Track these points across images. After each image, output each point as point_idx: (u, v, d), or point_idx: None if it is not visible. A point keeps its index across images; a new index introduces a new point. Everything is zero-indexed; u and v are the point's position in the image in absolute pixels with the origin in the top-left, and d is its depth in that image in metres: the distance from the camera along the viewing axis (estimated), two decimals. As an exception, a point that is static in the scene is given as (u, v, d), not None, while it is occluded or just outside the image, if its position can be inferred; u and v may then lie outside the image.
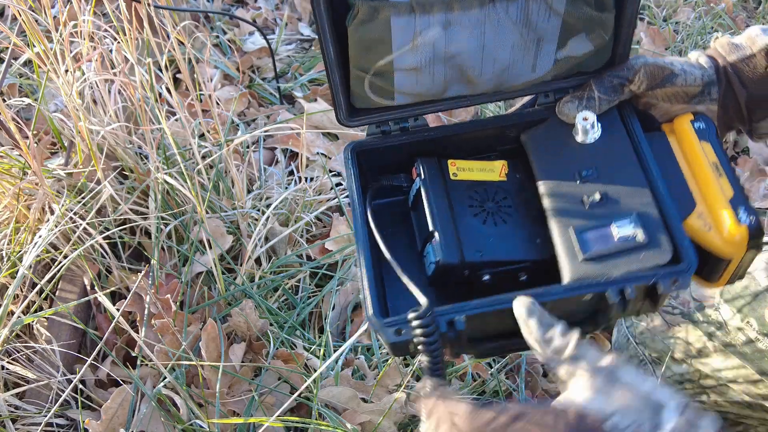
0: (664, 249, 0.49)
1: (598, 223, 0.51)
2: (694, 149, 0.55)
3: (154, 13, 1.03)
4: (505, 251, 0.55)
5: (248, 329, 0.94)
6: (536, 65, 0.57)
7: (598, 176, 0.54)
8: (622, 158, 0.55)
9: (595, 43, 0.55)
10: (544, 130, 0.59)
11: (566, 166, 0.56)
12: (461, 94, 0.58)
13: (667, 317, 0.83)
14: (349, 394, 0.84)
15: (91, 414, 0.87)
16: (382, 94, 0.56)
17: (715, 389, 0.79)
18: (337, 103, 0.56)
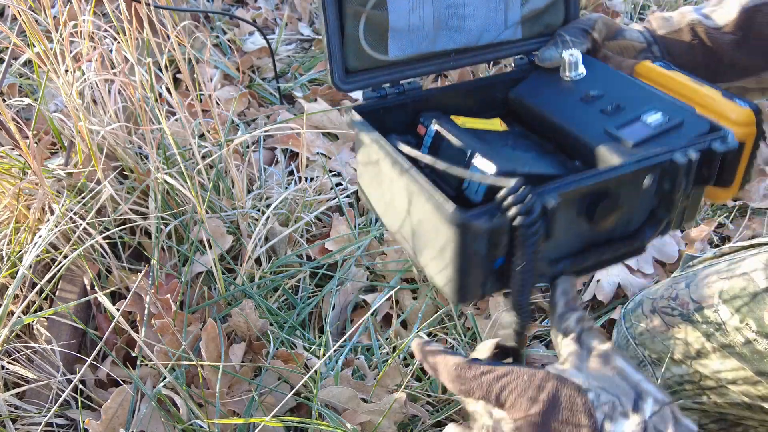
0: (701, 122, 0.52)
1: (629, 120, 0.53)
2: (668, 75, 0.59)
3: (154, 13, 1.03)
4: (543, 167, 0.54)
5: (248, 329, 0.94)
6: (507, 19, 0.62)
7: (606, 94, 0.57)
8: (617, 80, 0.59)
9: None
10: (531, 83, 0.62)
11: (570, 98, 0.59)
12: (447, 48, 0.60)
13: (666, 318, 0.83)
14: (349, 394, 0.84)
15: (91, 414, 0.87)
16: (376, 45, 0.57)
17: (714, 390, 0.79)
18: (332, 61, 0.55)
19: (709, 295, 0.78)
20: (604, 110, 0.56)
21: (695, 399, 0.82)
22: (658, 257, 1.11)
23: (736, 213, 1.20)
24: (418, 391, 0.90)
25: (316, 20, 1.72)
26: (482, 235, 0.44)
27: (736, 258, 0.80)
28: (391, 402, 0.82)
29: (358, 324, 1.00)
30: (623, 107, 0.56)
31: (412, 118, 0.59)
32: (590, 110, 0.57)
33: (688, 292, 0.81)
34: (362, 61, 0.57)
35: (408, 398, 0.86)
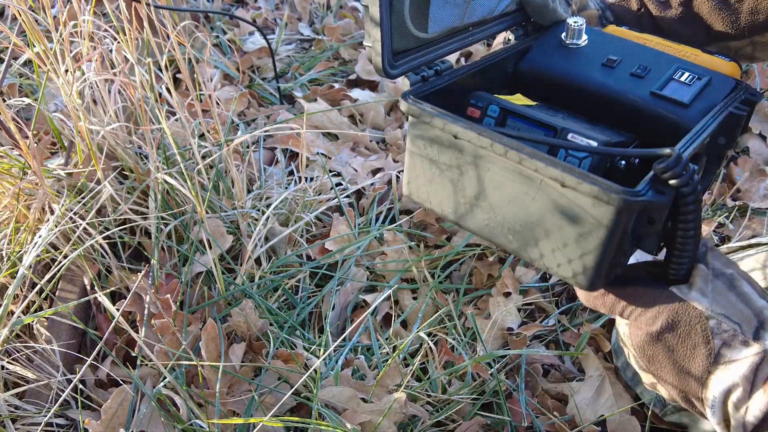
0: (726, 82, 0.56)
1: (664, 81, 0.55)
2: (644, 37, 0.63)
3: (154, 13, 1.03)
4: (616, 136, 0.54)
5: (248, 329, 0.94)
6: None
7: (624, 58, 0.58)
8: (623, 44, 0.60)
9: None
10: (539, 53, 0.62)
11: (592, 64, 0.59)
12: (472, 21, 0.62)
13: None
14: (348, 394, 0.84)
15: (91, 414, 0.87)
16: (418, 22, 0.57)
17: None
18: (382, 51, 0.55)
19: None
20: (634, 73, 0.57)
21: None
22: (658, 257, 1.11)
23: (736, 213, 1.20)
24: (418, 391, 0.90)
25: (316, 20, 1.72)
26: (643, 212, 0.43)
27: (734, 258, 0.80)
28: (391, 402, 0.82)
29: (358, 323, 1.00)
30: (649, 68, 0.57)
31: (450, 101, 0.57)
32: (620, 75, 0.57)
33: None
34: (406, 41, 0.57)
35: (408, 398, 0.86)
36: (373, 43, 0.54)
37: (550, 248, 0.47)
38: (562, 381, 0.96)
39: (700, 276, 0.48)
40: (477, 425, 0.89)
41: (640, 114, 0.56)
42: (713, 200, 1.23)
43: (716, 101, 0.54)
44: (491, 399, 0.92)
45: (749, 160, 1.29)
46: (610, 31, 0.65)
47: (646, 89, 0.56)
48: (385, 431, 0.82)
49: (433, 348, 0.95)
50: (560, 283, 1.10)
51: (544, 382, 0.95)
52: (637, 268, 0.55)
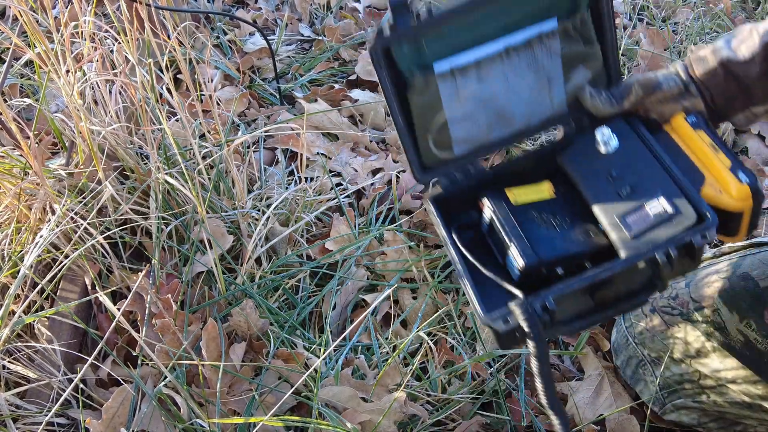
0: (689, 214, 0.62)
1: (635, 208, 0.64)
2: (692, 136, 0.69)
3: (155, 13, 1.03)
4: (570, 247, 0.66)
5: (249, 329, 0.94)
6: (553, 99, 0.70)
7: (625, 174, 0.67)
8: (640, 157, 0.68)
9: (592, 69, 0.69)
10: (575, 151, 0.72)
11: (599, 173, 0.69)
12: (503, 136, 0.70)
13: (665, 317, 0.83)
14: (349, 393, 0.84)
15: (92, 413, 0.87)
16: (443, 147, 0.69)
17: (714, 389, 0.80)
18: (411, 163, 0.69)
19: (709, 294, 0.78)
20: (620, 193, 0.67)
21: (695, 398, 0.82)
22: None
23: (735, 213, 1.20)
24: (418, 391, 0.91)
25: (316, 21, 1.72)
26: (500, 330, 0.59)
27: (735, 258, 0.80)
28: (391, 401, 0.82)
29: (358, 323, 1.00)
30: (636, 190, 0.66)
31: (476, 193, 0.69)
32: (611, 191, 0.67)
33: (688, 291, 0.81)
34: (434, 160, 0.69)
35: (408, 397, 0.86)
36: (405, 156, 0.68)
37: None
38: (562, 380, 0.96)
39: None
40: (477, 424, 0.89)
41: (606, 232, 0.66)
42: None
43: (662, 238, 0.62)
44: (491, 398, 0.92)
45: (748, 161, 1.29)
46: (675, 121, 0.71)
47: (614, 212, 0.66)
48: (385, 431, 0.82)
49: (433, 348, 0.95)
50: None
51: (544, 382, 0.95)
52: None
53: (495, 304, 0.61)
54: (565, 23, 0.66)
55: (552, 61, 0.68)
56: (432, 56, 0.64)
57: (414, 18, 0.62)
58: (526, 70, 0.67)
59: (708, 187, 0.67)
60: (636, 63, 1.50)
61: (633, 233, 0.63)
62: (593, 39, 0.68)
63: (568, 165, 0.71)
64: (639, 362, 0.89)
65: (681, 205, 0.63)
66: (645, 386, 0.88)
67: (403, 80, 0.64)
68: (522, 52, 0.66)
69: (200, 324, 0.95)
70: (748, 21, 1.75)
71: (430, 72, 0.64)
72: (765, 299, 0.72)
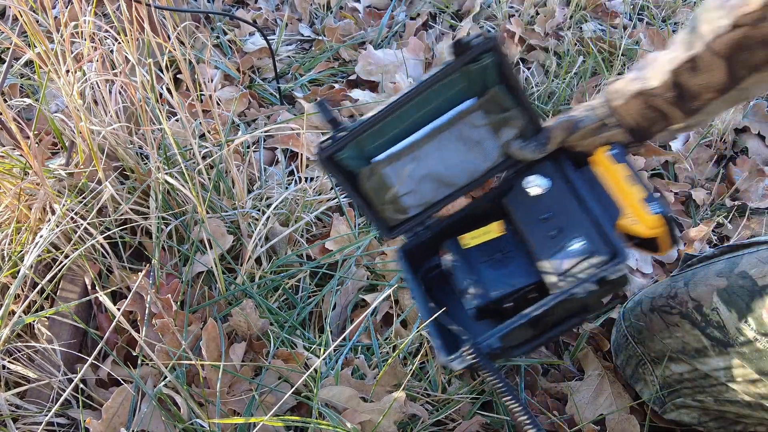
0: (604, 251, 0.72)
1: (561, 248, 0.75)
2: (612, 169, 0.78)
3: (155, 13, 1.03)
4: (516, 282, 0.77)
5: (248, 329, 0.94)
6: (487, 156, 0.81)
7: (553, 216, 0.78)
8: (565, 198, 0.78)
9: (517, 127, 0.80)
10: (514, 195, 0.82)
11: (533, 215, 0.79)
12: (449, 193, 0.83)
13: (665, 317, 0.83)
14: (349, 393, 0.84)
15: (92, 413, 0.87)
16: (400, 213, 0.83)
17: (714, 388, 0.80)
18: (378, 228, 0.83)
19: (708, 293, 0.78)
20: (551, 234, 0.77)
21: (695, 397, 0.82)
22: (657, 257, 1.11)
23: (734, 213, 1.20)
24: (418, 391, 0.91)
25: (316, 21, 1.73)
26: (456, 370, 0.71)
27: (734, 256, 0.80)
28: (391, 402, 0.82)
29: (358, 323, 1.00)
30: (563, 231, 0.76)
31: (437, 241, 0.83)
32: (543, 233, 0.77)
33: (687, 290, 0.81)
34: (395, 222, 0.83)
35: (408, 398, 0.86)
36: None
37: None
38: (562, 380, 0.96)
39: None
40: (477, 424, 0.89)
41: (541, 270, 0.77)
42: (712, 200, 1.23)
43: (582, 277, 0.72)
44: (490, 398, 0.92)
45: (748, 161, 1.29)
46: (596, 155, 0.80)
47: (545, 253, 0.76)
48: (385, 431, 0.82)
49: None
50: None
51: (544, 382, 0.95)
52: None
53: (455, 345, 0.72)
54: (481, 100, 0.78)
55: (477, 130, 0.80)
56: (371, 152, 0.77)
57: (345, 128, 0.74)
58: (455, 143, 0.80)
59: (625, 218, 0.76)
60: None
61: (560, 272, 0.73)
62: (511, 105, 0.78)
63: (509, 207, 0.83)
64: (639, 361, 0.89)
65: (598, 243, 0.73)
66: (645, 385, 0.88)
67: (353, 174, 0.77)
68: (448, 130, 0.79)
69: (200, 324, 0.95)
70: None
71: (372, 163, 0.77)
72: (763, 297, 0.72)
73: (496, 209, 0.84)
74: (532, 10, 1.67)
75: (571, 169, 0.80)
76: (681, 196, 1.24)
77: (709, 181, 1.28)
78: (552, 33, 1.64)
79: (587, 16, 1.67)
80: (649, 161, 1.28)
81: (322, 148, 0.75)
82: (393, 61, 1.53)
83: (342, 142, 0.75)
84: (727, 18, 0.68)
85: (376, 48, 1.59)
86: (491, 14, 1.70)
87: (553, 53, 1.58)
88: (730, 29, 0.68)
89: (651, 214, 0.74)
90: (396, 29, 1.67)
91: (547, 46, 1.60)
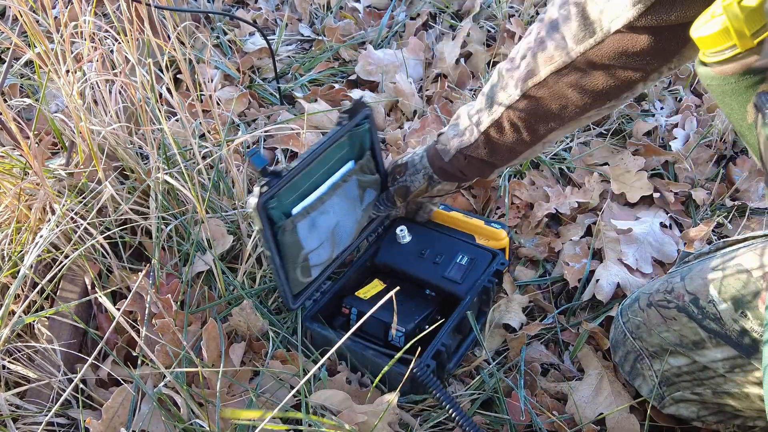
0: (485, 255, 0.98)
1: (450, 266, 0.96)
2: (449, 216, 1.06)
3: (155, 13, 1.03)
4: (422, 311, 0.93)
5: (248, 329, 0.94)
6: (360, 217, 0.99)
7: (428, 250, 0.99)
8: (431, 237, 1.02)
9: (377, 191, 1.01)
10: (385, 250, 1.01)
11: (410, 256, 0.99)
12: (339, 252, 0.98)
13: (662, 311, 0.83)
14: (341, 396, 0.84)
15: (92, 413, 0.87)
16: (305, 274, 0.92)
17: (712, 380, 0.80)
18: (285, 296, 0.91)
19: (705, 286, 0.78)
20: (435, 261, 0.97)
21: (693, 390, 0.83)
22: (657, 257, 1.11)
23: (734, 213, 1.20)
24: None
25: (316, 21, 1.73)
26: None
27: (730, 251, 0.80)
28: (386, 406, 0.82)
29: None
30: (443, 254, 0.98)
31: (337, 302, 0.95)
32: (427, 263, 0.97)
33: (683, 284, 0.82)
34: (300, 287, 0.93)
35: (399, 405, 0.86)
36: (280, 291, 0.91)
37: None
38: (561, 380, 0.96)
39: None
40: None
41: (438, 289, 0.95)
42: (712, 200, 1.23)
43: (478, 275, 0.95)
44: (492, 395, 0.92)
45: (748, 161, 1.29)
46: (436, 214, 1.06)
47: (439, 273, 0.95)
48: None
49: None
50: (559, 282, 1.11)
51: (543, 381, 0.95)
52: None
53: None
54: (360, 163, 0.95)
55: (355, 189, 0.96)
56: (288, 207, 0.86)
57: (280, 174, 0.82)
58: (345, 199, 0.94)
59: (479, 240, 1.02)
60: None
61: (459, 279, 0.94)
62: (374, 170, 0.98)
63: (387, 260, 1.00)
64: (637, 357, 0.89)
65: (476, 252, 0.98)
66: (643, 381, 0.88)
67: (275, 228, 0.85)
68: (341, 186, 0.93)
69: (200, 324, 0.95)
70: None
71: (291, 216, 0.86)
72: (759, 288, 0.72)
73: (370, 270, 1.01)
74: (532, 10, 1.67)
75: (418, 223, 1.05)
76: (681, 196, 1.24)
77: (709, 181, 1.28)
78: (552, 33, 1.64)
79: (587, 16, 1.67)
80: (648, 161, 1.28)
81: (262, 192, 0.80)
82: (393, 61, 1.53)
83: (277, 187, 0.82)
84: (519, 89, 0.81)
85: (376, 48, 1.59)
86: (491, 14, 1.70)
87: (553, 53, 1.58)
88: (520, 98, 0.81)
89: (498, 229, 1.01)
90: (396, 29, 1.67)
91: (547, 46, 1.60)
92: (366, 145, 0.96)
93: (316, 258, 0.92)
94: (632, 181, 1.24)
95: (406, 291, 0.94)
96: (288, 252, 0.87)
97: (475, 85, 1.50)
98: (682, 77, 1.49)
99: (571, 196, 1.21)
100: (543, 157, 1.30)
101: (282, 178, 0.82)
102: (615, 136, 1.37)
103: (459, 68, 1.52)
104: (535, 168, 1.30)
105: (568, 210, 1.19)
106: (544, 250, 1.14)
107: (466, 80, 1.52)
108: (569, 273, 1.08)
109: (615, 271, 1.07)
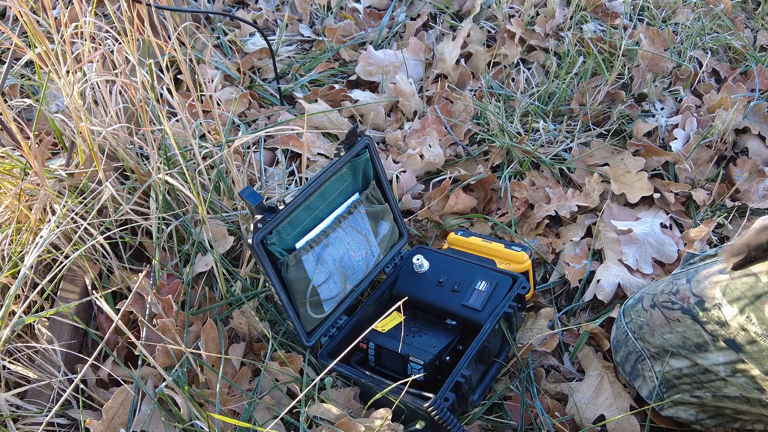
0: (505, 280, 0.95)
1: (470, 293, 0.94)
2: (466, 241, 1.05)
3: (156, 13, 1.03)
4: (442, 342, 0.89)
5: (248, 330, 0.94)
6: (373, 252, 0.98)
7: (446, 278, 0.97)
8: (449, 265, 0.99)
9: (390, 222, 1.01)
10: (403, 280, 1.00)
11: (428, 285, 0.97)
12: (353, 286, 0.96)
13: (666, 312, 0.83)
14: (335, 412, 0.83)
15: (93, 414, 0.87)
16: (317, 310, 0.90)
17: (713, 384, 0.80)
18: (298, 333, 0.88)
19: (711, 290, 0.78)
20: (453, 289, 0.95)
21: (693, 393, 0.82)
22: (657, 257, 1.11)
23: (735, 213, 1.20)
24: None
25: (316, 21, 1.73)
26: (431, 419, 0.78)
27: None
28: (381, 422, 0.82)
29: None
30: (462, 283, 0.95)
31: (351, 340, 0.86)
32: (446, 292, 0.95)
33: (689, 287, 0.81)
34: (313, 324, 0.91)
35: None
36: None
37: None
38: (562, 381, 0.96)
39: None
40: (477, 426, 0.89)
41: (459, 317, 0.92)
42: (713, 200, 1.23)
43: (498, 301, 0.91)
44: (497, 401, 0.92)
45: (748, 161, 1.29)
46: (450, 238, 1.06)
47: (459, 302, 0.93)
48: None
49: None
50: (560, 284, 1.10)
51: (544, 382, 0.95)
52: None
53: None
54: (366, 193, 0.96)
55: (364, 221, 0.96)
56: (290, 242, 0.85)
57: (275, 210, 0.82)
58: (353, 231, 0.94)
59: (499, 264, 1.00)
60: (636, 63, 1.50)
61: (479, 307, 0.91)
62: (382, 200, 0.99)
63: (405, 290, 0.97)
64: (638, 357, 0.89)
65: (496, 278, 0.95)
66: (644, 381, 0.88)
67: (278, 265, 0.84)
68: (346, 218, 0.93)
69: (201, 324, 0.95)
70: (748, 21, 1.75)
71: (295, 250, 0.85)
72: (765, 292, 0.72)
73: (388, 301, 0.99)
74: (533, 11, 1.67)
75: (435, 250, 1.03)
76: (681, 197, 1.24)
77: (710, 181, 1.28)
78: (552, 33, 1.64)
79: (587, 16, 1.67)
80: (649, 162, 1.28)
81: (257, 228, 0.80)
82: (393, 61, 1.53)
83: (273, 223, 0.82)
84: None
85: (377, 48, 1.59)
86: (491, 14, 1.70)
87: (554, 54, 1.58)
88: None
89: (519, 252, 1.00)
90: (396, 30, 1.67)
91: (547, 47, 1.60)
92: (370, 175, 0.95)
93: (327, 292, 0.90)
94: (632, 181, 1.24)
95: (427, 321, 0.93)
96: (295, 287, 0.86)
97: (475, 85, 1.50)
98: (683, 77, 1.49)
99: (572, 199, 1.21)
100: (543, 157, 1.30)
101: (278, 214, 0.82)
102: (615, 137, 1.37)
103: (459, 69, 1.52)
104: (535, 168, 1.30)
105: (568, 213, 1.19)
106: (546, 250, 1.15)
107: (467, 81, 1.52)
108: (570, 273, 1.08)
109: (615, 272, 1.07)
